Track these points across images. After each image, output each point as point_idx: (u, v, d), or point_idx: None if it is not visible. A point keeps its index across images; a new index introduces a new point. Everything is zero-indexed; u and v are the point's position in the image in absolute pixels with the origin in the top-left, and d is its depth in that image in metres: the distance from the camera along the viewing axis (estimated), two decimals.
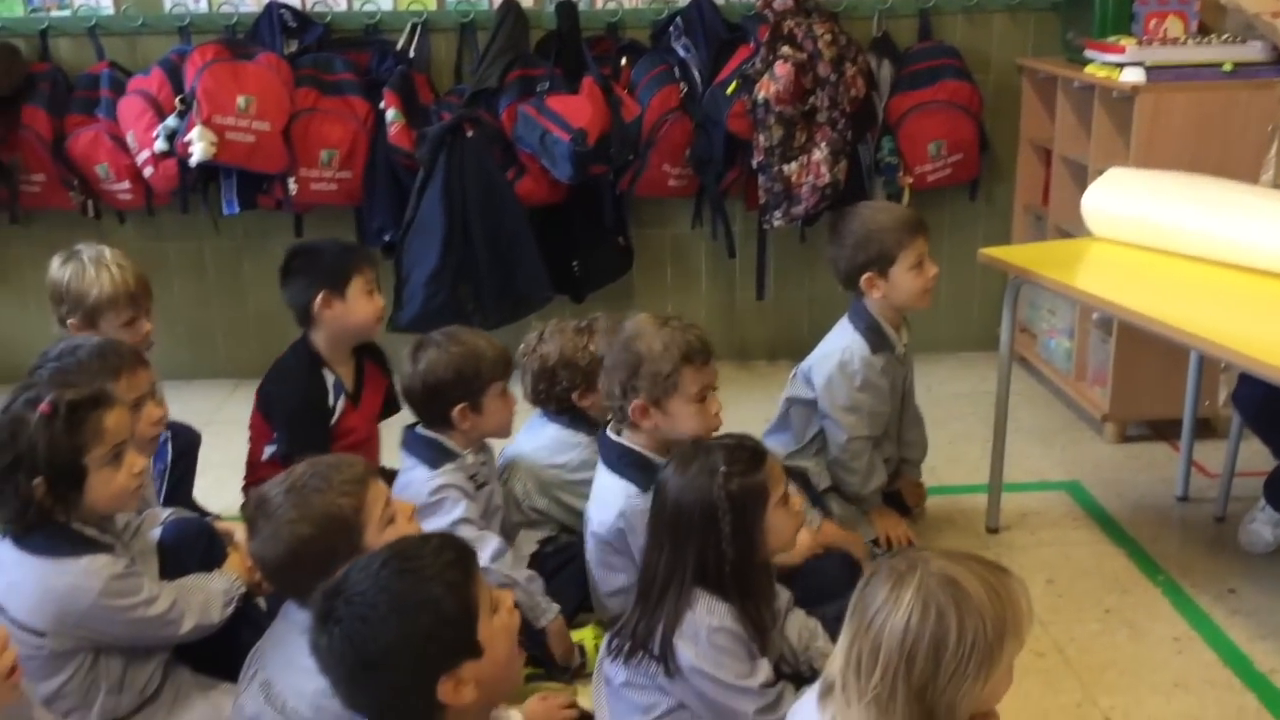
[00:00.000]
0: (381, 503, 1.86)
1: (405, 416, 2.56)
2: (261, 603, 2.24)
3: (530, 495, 2.60)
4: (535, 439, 2.62)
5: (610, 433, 2.34)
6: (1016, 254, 2.91)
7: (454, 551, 1.48)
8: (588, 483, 2.56)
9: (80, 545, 1.91)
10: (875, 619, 1.45)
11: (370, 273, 2.72)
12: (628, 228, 3.95)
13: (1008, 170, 4.12)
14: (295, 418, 2.70)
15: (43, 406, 1.87)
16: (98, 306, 2.55)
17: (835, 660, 1.53)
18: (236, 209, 3.63)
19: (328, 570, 1.77)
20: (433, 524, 2.25)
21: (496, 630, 1.47)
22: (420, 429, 2.44)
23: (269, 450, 2.74)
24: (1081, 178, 3.64)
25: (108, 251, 2.64)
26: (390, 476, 2.40)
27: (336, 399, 2.76)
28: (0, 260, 3.93)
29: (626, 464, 2.27)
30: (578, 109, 3.52)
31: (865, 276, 2.68)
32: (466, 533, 2.27)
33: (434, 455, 2.39)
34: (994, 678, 1.44)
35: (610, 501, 2.27)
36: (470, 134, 3.55)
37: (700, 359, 2.25)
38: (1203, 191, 2.70)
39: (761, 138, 3.61)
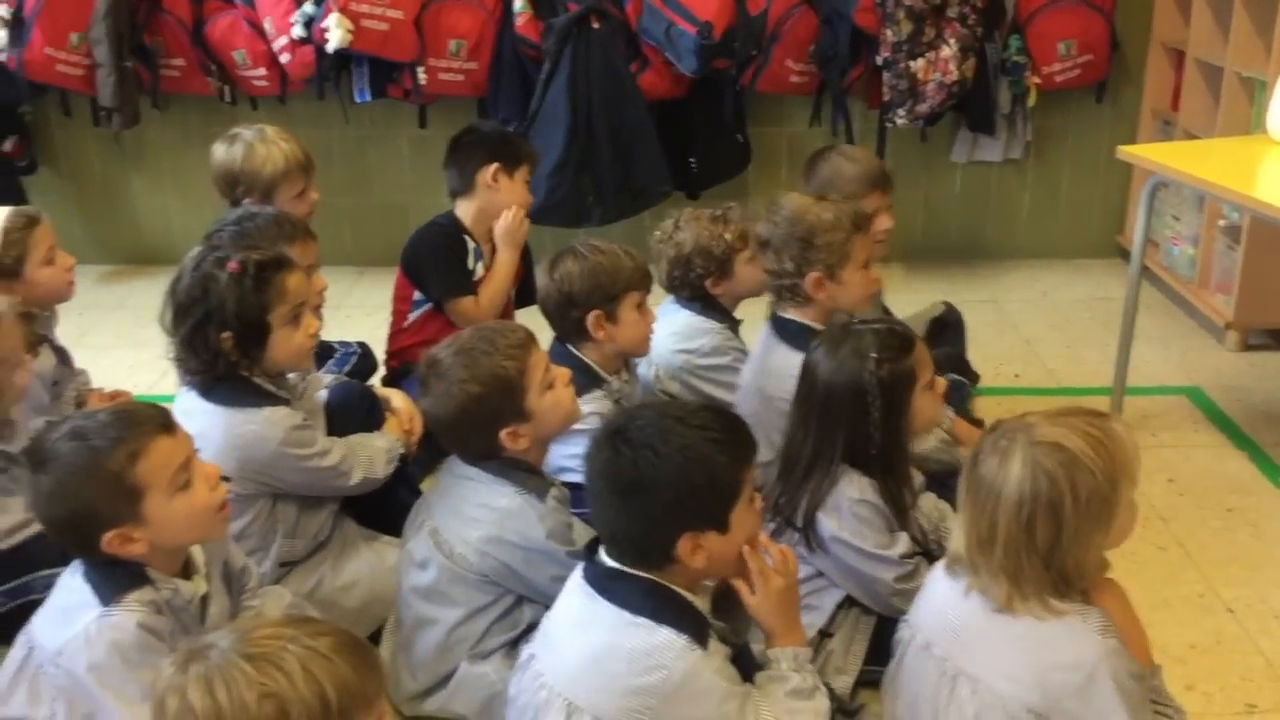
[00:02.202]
0: (542, 367, 1.95)
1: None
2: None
3: (661, 380, 2.68)
4: (667, 325, 2.68)
5: (781, 313, 2.38)
6: (1157, 152, 2.87)
7: (746, 433, 1.58)
8: (718, 369, 2.65)
9: (262, 397, 2.04)
10: (988, 497, 1.50)
11: (531, 169, 2.86)
12: (746, 124, 3.96)
13: (1136, 72, 4.03)
14: (443, 263, 2.83)
15: (232, 265, 1.99)
16: (273, 180, 2.68)
17: (957, 538, 1.59)
18: (368, 97, 3.72)
19: (493, 428, 1.90)
20: (574, 450, 2.19)
21: (746, 518, 1.57)
22: (569, 346, 2.37)
23: (412, 316, 2.87)
24: (1216, 82, 3.55)
25: (268, 129, 2.77)
26: None
27: (476, 263, 2.88)
28: (139, 144, 4.07)
29: (805, 337, 2.25)
30: (703, 1, 3.52)
31: None
32: None
33: (583, 380, 2.27)
34: (1116, 523, 1.50)
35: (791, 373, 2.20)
36: (596, 26, 3.57)
37: (866, 225, 2.35)
38: None
39: (889, 33, 3.58)
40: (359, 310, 3.76)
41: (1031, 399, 3.10)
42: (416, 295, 2.90)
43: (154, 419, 1.59)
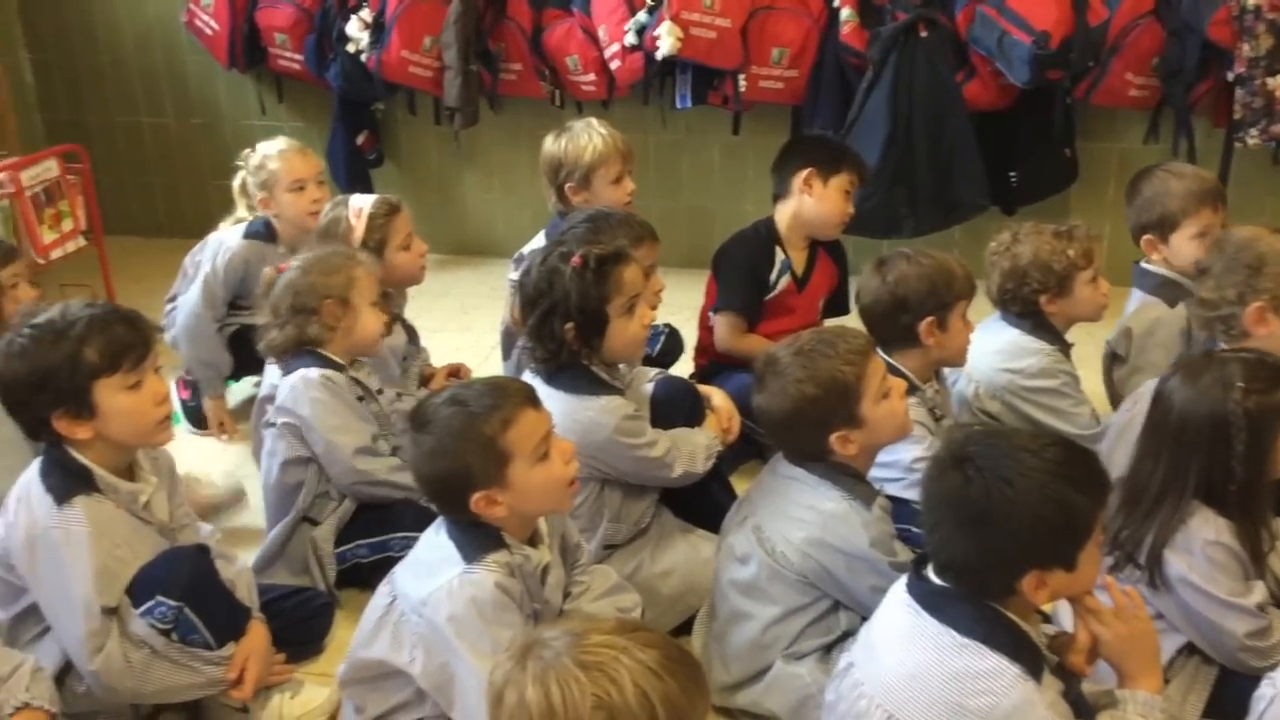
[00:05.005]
0: (879, 375, 1.94)
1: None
2: None
3: (980, 398, 2.59)
4: (991, 341, 2.59)
5: (1211, 347, 2.24)
6: None
7: (1101, 470, 1.52)
8: (1044, 392, 2.55)
9: (599, 386, 2.14)
10: None
11: (856, 181, 2.85)
12: (1074, 139, 3.78)
13: None
14: (734, 273, 2.90)
15: (575, 259, 2.10)
16: (592, 164, 2.84)
17: None
18: (689, 103, 3.81)
19: (825, 430, 1.91)
20: (889, 458, 2.21)
21: (1093, 556, 1.52)
22: (884, 352, 2.30)
23: (713, 315, 2.93)
24: None
25: (594, 120, 2.96)
26: None
27: (780, 276, 2.91)
28: (472, 142, 4.34)
29: None
30: (1041, 10, 3.39)
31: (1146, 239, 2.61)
32: None
33: None
34: None
35: None
36: (924, 34, 3.51)
37: None
38: None
39: (1246, 47, 3.32)
40: (662, 311, 3.84)
41: None
42: None
43: (523, 392, 1.71)
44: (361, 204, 2.70)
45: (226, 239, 3.03)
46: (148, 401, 1.84)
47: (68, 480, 1.80)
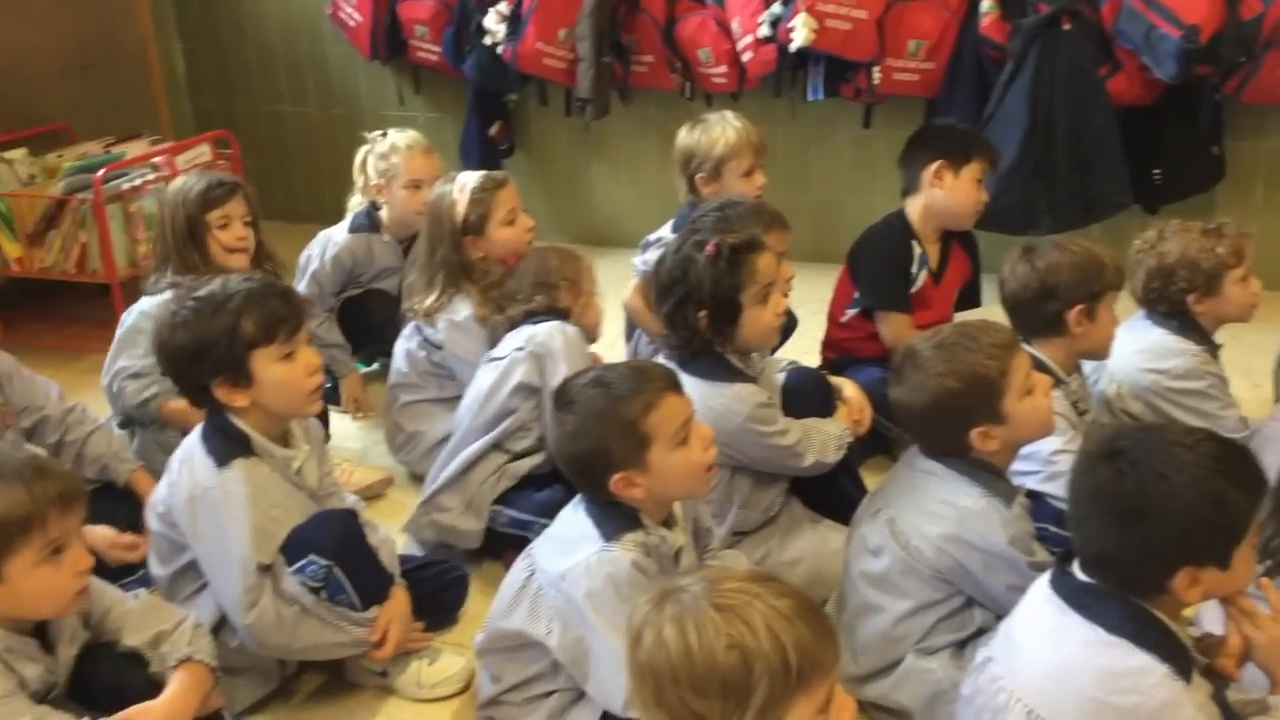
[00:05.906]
0: (1024, 372, 1.90)
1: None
2: None
3: (1123, 398, 2.53)
4: (1135, 340, 2.52)
5: None
6: None
7: (1258, 468, 1.48)
8: (1191, 394, 2.48)
9: (733, 374, 2.15)
10: None
11: (988, 168, 2.80)
12: (1222, 136, 3.64)
13: None
14: (879, 271, 2.85)
15: (709, 248, 2.11)
16: (723, 156, 2.84)
17: None
18: (821, 95, 3.79)
19: (965, 426, 1.88)
20: (1028, 450, 2.13)
21: (1248, 556, 1.47)
22: (1030, 348, 2.25)
23: (850, 312, 2.91)
24: None
25: (728, 113, 2.96)
26: None
27: (919, 270, 2.86)
28: (601, 133, 4.39)
29: None
30: (1191, 3, 3.28)
31: None
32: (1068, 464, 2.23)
33: None
34: None
35: None
36: (1067, 27, 3.43)
37: None
38: None
39: None
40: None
41: None
42: (857, 294, 2.92)
43: (665, 376, 1.73)
44: (467, 180, 2.76)
45: (334, 235, 3.16)
46: (301, 372, 1.93)
47: (228, 444, 1.90)
